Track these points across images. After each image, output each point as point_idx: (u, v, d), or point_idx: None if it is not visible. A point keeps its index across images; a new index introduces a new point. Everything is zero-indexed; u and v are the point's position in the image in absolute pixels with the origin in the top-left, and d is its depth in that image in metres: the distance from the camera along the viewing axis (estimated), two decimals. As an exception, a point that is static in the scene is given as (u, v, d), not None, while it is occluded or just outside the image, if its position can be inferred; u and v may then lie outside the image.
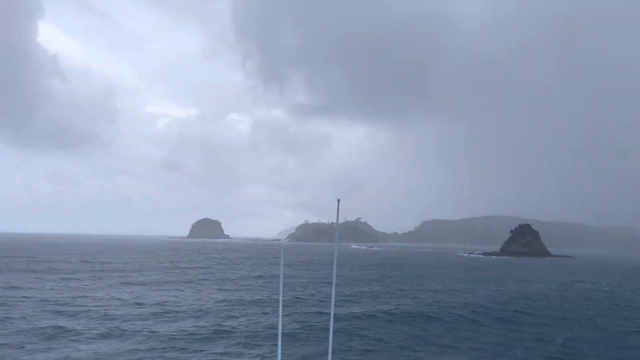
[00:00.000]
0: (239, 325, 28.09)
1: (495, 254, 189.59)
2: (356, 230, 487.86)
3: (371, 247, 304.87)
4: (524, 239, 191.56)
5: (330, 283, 55.79)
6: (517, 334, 28.19)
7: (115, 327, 26.76)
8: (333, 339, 20.35)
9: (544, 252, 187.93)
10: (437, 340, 25.84)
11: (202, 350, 22.02)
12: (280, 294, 7.53)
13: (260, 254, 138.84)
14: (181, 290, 45.63)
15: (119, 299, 38.18)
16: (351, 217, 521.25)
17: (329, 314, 32.97)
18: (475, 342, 25.60)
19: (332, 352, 20.26)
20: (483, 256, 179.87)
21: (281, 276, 7.47)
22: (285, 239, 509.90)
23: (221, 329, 26.88)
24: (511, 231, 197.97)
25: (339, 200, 6.50)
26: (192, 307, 34.65)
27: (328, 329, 27.95)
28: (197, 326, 27.54)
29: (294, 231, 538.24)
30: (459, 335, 27.38)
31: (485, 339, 26.40)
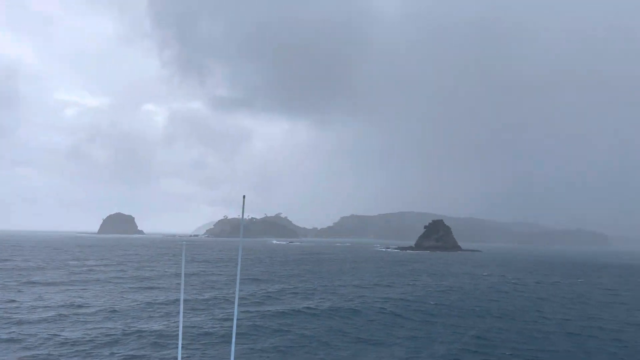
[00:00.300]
0: (150, 326, 26.44)
1: (410, 248, 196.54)
2: (276, 225, 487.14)
3: (291, 242, 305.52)
4: (437, 234, 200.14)
5: (254, 280, 54.72)
6: (435, 326, 28.84)
7: (13, 332, 24.25)
8: (236, 339, 19.61)
9: (455, 247, 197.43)
10: (359, 334, 25.82)
11: (111, 354, 20.38)
12: (182, 292, 7.59)
13: (176, 251, 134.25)
14: (89, 289, 42.65)
15: (18, 300, 34.89)
16: (271, 213, 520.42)
17: (252, 312, 32.07)
18: (395, 335, 25.83)
19: (236, 351, 19.48)
20: (399, 250, 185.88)
21: (182, 274, 7.24)
22: (203, 234, 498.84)
23: (130, 331, 25.14)
24: (425, 227, 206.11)
25: (244, 196, 6.80)
26: (100, 308, 32.32)
27: (240, 327, 27.06)
28: (105, 328, 25.62)
29: (212, 227, 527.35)
30: (381, 329, 27.56)
31: (404, 332, 26.74)
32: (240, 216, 6.89)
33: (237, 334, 24.64)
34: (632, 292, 52.70)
